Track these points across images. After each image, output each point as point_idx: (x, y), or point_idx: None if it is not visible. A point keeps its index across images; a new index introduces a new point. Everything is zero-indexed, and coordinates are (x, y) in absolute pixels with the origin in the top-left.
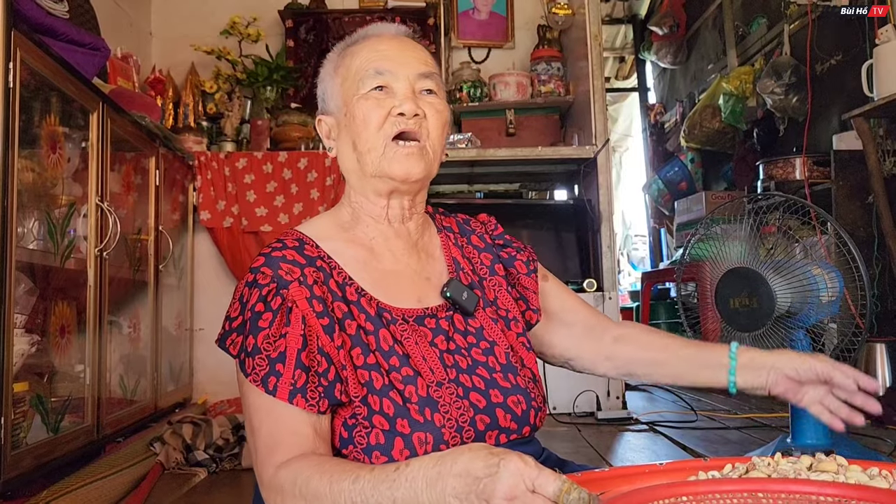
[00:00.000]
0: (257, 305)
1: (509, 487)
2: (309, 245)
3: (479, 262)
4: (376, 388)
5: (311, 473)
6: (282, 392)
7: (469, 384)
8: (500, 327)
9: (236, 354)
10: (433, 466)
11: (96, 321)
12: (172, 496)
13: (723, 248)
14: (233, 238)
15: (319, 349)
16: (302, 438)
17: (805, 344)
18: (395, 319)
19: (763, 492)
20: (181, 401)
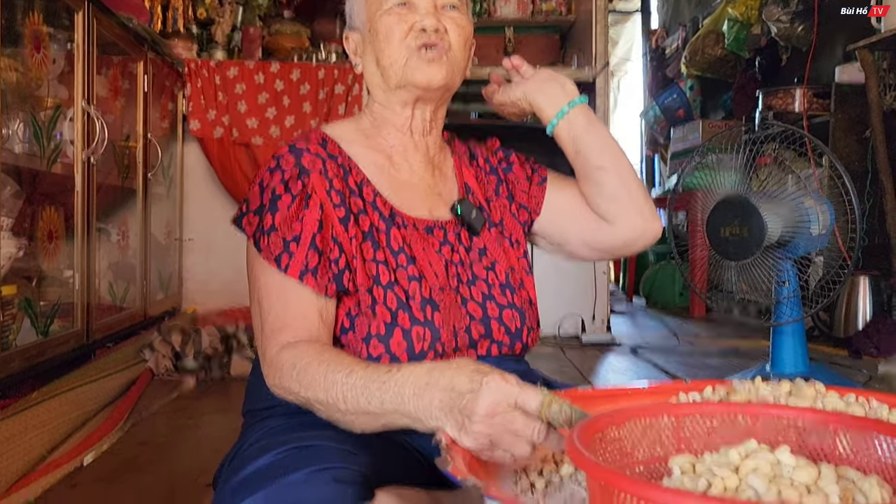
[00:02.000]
0: (278, 188)
1: (490, 405)
2: (331, 144)
3: (485, 184)
4: (382, 282)
5: (311, 360)
6: (293, 270)
7: (468, 295)
8: (504, 248)
9: (252, 234)
10: (422, 376)
11: (84, 227)
12: (162, 401)
13: (717, 177)
14: (223, 149)
15: (333, 237)
16: (307, 322)
17: (792, 275)
18: (405, 224)
19: (743, 414)
20: (170, 310)
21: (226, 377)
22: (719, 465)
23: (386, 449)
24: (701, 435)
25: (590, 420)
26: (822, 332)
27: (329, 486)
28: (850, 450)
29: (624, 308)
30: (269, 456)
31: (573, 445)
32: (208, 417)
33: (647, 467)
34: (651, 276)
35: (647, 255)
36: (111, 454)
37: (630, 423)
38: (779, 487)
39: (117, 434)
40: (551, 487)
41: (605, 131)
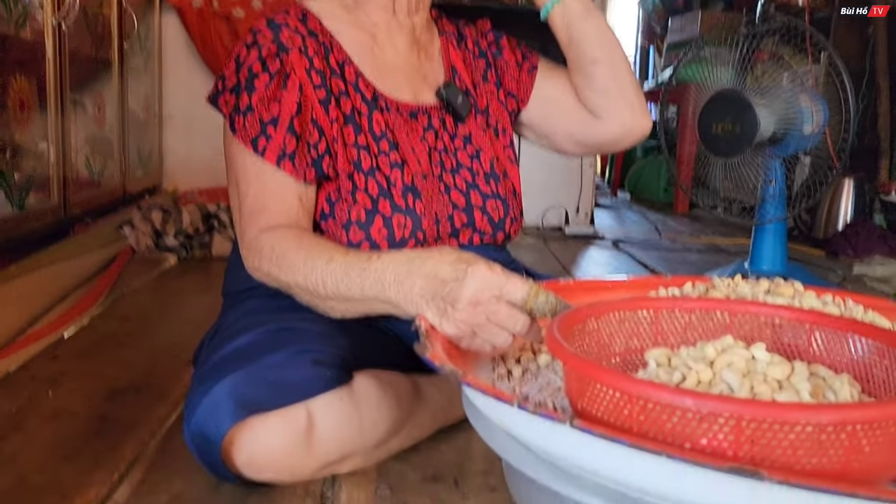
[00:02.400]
0: (255, 65)
1: (474, 293)
2: (312, 19)
3: (473, 69)
4: (363, 168)
5: (290, 245)
6: (270, 154)
7: (451, 183)
8: (489, 137)
9: (228, 114)
10: (403, 263)
11: (58, 98)
12: (143, 278)
13: (713, 70)
14: (203, 21)
15: (313, 120)
16: (287, 206)
17: (780, 174)
18: (388, 108)
19: (721, 310)
20: (150, 187)
21: (207, 256)
22: (695, 360)
23: (365, 333)
24: (678, 329)
25: (570, 312)
26: (801, 232)
27: (308, 367)
28: (823, 348)
29: (608, 202)
30: (249, 336)
31: (552, 336)
32: (189, 296)
33: (624, 359)
34: (637, 171)
35: (635, 149)
36: (91, 329)
37: (609, 316)
38: (752, 383)
39: (98, 309)
40: (528, 375)
41: (602, 20)
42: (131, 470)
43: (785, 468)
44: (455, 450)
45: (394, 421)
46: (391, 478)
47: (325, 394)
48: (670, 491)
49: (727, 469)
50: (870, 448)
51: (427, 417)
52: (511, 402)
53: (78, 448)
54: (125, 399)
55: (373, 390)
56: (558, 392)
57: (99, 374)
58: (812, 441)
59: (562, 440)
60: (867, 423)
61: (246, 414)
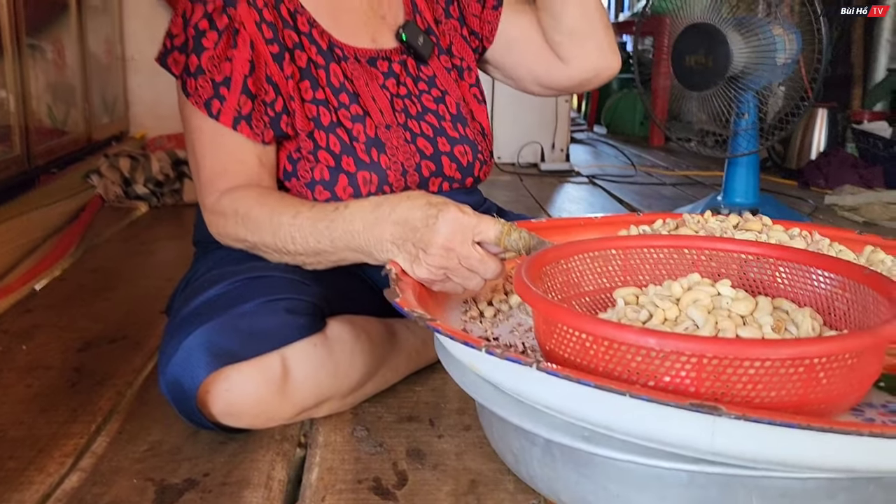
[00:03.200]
0: (201, 23)
1: (446, 237)
2: None
3: (434, 3)
4: (323, 125)
5: (252, 204)
6: (225, 117)
7: (417, 130)
8: (454, 77)
9: (179, 74)
10: (372, 211)
11: (13, 43)
12: (113, 228)
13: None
14: None
15: (267, 77)
16: (246, 167)
17: (752, 107)
18: (346, 57)
19: (689, 248)
20: (117, 134)
21: (178, 203)
22: (661, 298)
23: (338, 279)
24: (647, 268)
25: (539, 253)
26: (775, 163)
27: (280, 315)
28: (788, 283)
29: (584, 136)
30: (221, 286)
31: (520, 278)
32: (161, 244)
33: (594, 299)
34: (613, 105)
35: (611, 82)
36: (63, 280)
37: (579, 256)
38: (716, 319)
39: (69, 261)
40: (500, 316)
41: None
42: (108, 421)
43: (745, 403)
44: (430, 390)
45: (368, 365)
46: (367, 419)
47: (299, 341)
48: (635, 428)
49: (688, 406)
50: (827, 380)
51: (402, 360)
52: (479, 346)
53: (54, 401)
54: (100, 350)
55: (346, 335)
56: (529, 332)
57: (72, 326)
58: (771, 376)
59: (529, 382)
60: (825, 356)
61: (220, 364)
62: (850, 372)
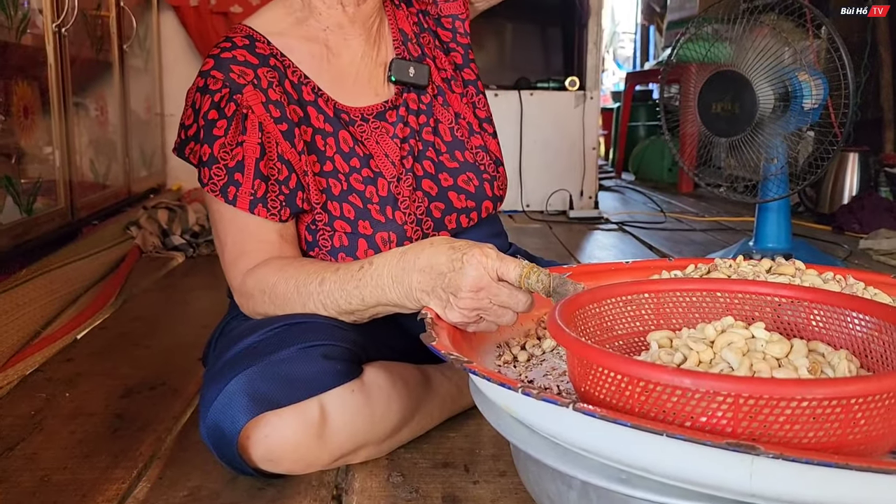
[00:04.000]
0: (210, 113)
1: (474, 280)
2: (260, 42)
3: (414, 25)
4: (335, 195)
5: (277, 280)
6: (242, 202)
7: (420, 172)
8: (441, 102)
9: (196, 163)
10: (397, 263)
11: (60, 102)
12: (151, 278)
13: (712, 49)
14: (200, 19)
15: (279, 156)
16: (268, 244)
17: (781, 152)
18: (353, 120)
19: (722, 291)
20: (155, 187)
21: (213, 253)
22: (695, 340)
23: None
24: (680, 311)
25: (571, 297)
26: (807, 207)
27: (318, 361)
28: (823, 325)
29: (612, 183)
30: (259, 334)
31: (554, 321)
32: (197, 293)
33: (627, 342)
34: (641, 151)
35: (638, 129)
36: (104, 329)
37: (612, 300)
38: (751, 361)
39: (109, 310)
40: (533, 360)
41: None
42: (149, 466)
43: (782, 443)
44: (465, 436)
45: (404, 411)
46: (403, 465)
47: (336, 388)
48: (672, 469)
49: (725, 445)
50: (865, 421)
51: (437, 406)
52: (515, 387)
53: (97, 447)
54: (140, 397)
55: (383, 381)
56: (563, 376)
57: (113, 373)
58: (809, 415)
59: (565, 423)
60: (862, 396)
61: (260, 409)
62: (889, 412)
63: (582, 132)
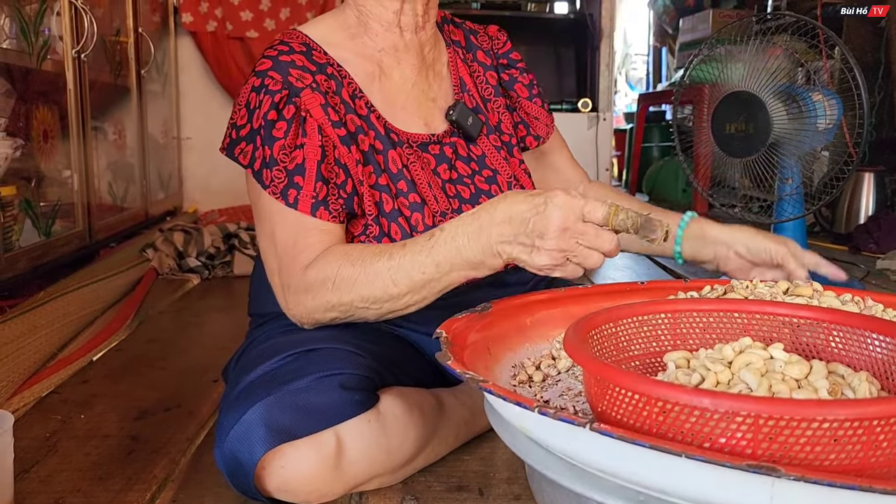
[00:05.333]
0: (269, 113)
1: (561, 219)
2: (317, 51)
3: (483, 82)
4: (386, 211)
5: (342, 263)
6: (304, 205)
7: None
8: (503, 155)
9: (247, 164)
10: (471, 222)
11: (79, 126)
12: (167, 300)
13: (725, 70)
14: (217, 44)
15: (336, 160)
16: (330, 236)
17: (795, 172)
18: (401, 142)
19: (739, 312)
20: (171, 209)
21: (228, 275)
22: (713, 361)
23: (388, 348)
24: (697, 332)
25: (587, 317)
26: (823, 228)
27: (335, 391)
28: (842, 347)
29: None
30: (277, 360)
31: (570, 341)
32: (213, 315)
33: (644, 362)
34: (655, 172)
35: (652, 150)
36: (119, 351)
37: (628, 320)
38: (770, 382)
39: (125, 332)
40: (548, 381)
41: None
42: (163, 489)
43: (803, 465)
44: (479, 459)
45: (420, 439)
46: (417, 489)
47: (353, 418)
48: (690, 490)
49: (745, 467)
50: (888, 443)
51: (451, 432)
52: (531, 406)
53: (111, 469)
54: (155, 419)
55: (399, 410)
56: (579, 397)
57: (128, 395)
58: (830, 437)
59: (582, 443)
60: (884, 417)
61: (278, 440)
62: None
63: (595, 153)
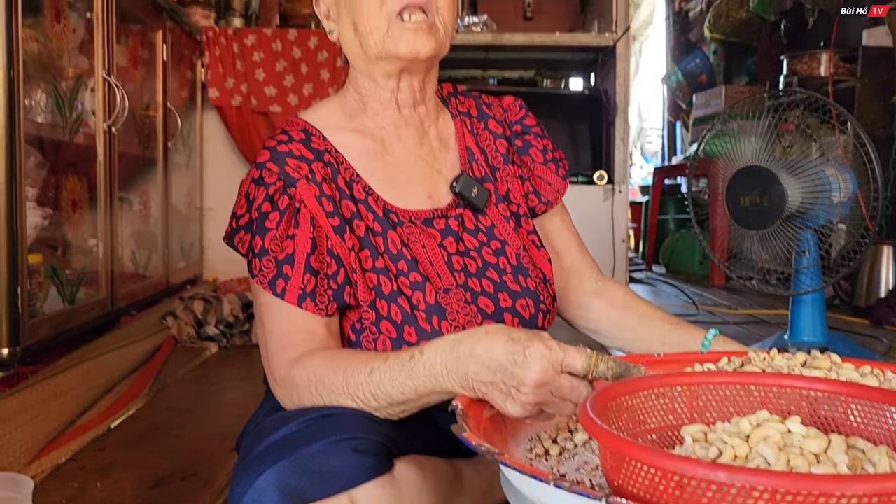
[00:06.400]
0: (264, 205)
1: (539, 374)
2: (316, 137)
3: (493, 151)
4: (384, 294)
5: (325, 370)
6: (290, 296)
7: (478, 288)
8: (512, 226)
9: (245, 253)
10: (451, 351)
11: (107, 196)
12: (185, 368)
13: (738, 144)
14: (242, 117)
15: (329, 250)
16: (314, 336)
17: (812, 245)
18: (401, 221)
19: (755, 385)
20: (192, 278)
21: (247, 344)
22: (730, 435)
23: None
24: (714, 405)
25: (603, 389)
26: (843, 300)
27: (348, 455)
28: (861, 420)
29: (643, 276)
30: (291, 426)
31: (586, 414)
32: (230, 383)
33: (661, 436)
34: (671, 244)
35: (668, 222)
36: (137, 419)
37: (644, 392)
38: (788, 456)
39: (143, 399)
40: (565, 454)
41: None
42: None
43: None
44: None
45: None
46: None
47: (367, 483)
48: None
49: None
50: None
51: (467, 502)
52: (547, 480)
53: None
54: (171, 487)
55: (414, 477)
56: (595, 471)
57: (145, 463)
58: None
59: None
60: None
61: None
62: None
63: (611, 225)
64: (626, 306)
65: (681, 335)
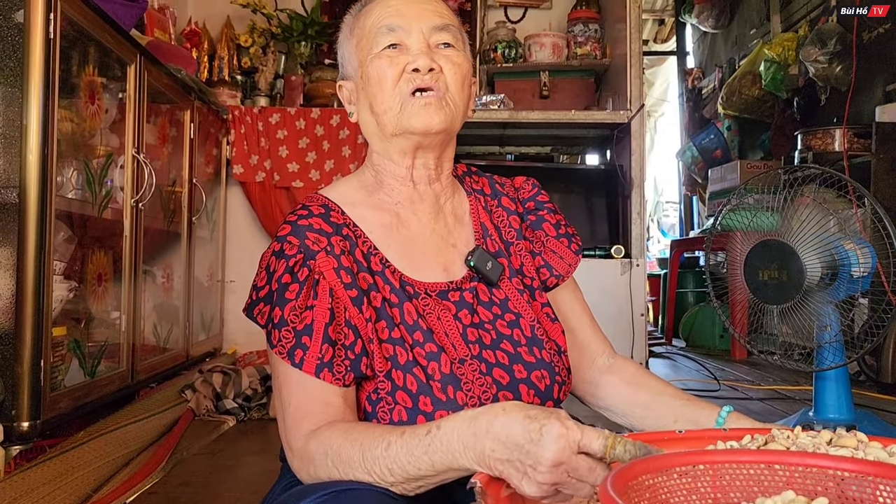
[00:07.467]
0: (284, 277)
1: (556, 453)
2: (335, 212)
3: (507, 227)
4: (400, 364)
5: (342, 443)
6: (308, 366)
7: (493, 360)
8: (526, 298)
9: (264, 325)
10: (468, 428)
11: (131, 270)
12: (202, 442)
13: (755, 218)
14: (264, 193)
15: (347, 321)
16: (331, 408)
17: (833, 319)
18: (417, 293)
19: (780, 464)
20: (211, 350)
21: (264, 418)
22: None
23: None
24: (738, 484)
25: (625, 467)
26: (868, 377)
27: None
28: (890, 501)
29: (663, 350)
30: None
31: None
32: (247, 458)
33: None
34: (691, 318)
35: (687, 296)
36: (153, 494)
37: (666, 471)
38: None
39: (159, 474)
40: None
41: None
42: None
43: None
44: None
45: None
46: None
47: None
48: None
49: None
50: None
51: None
52: None
53: None
54: None
55: None
56: None
57: None
58: None
59: None
60: None
61: None
62: None
63: (630, 299)
64: (638, 383)
65: (693, 411)
